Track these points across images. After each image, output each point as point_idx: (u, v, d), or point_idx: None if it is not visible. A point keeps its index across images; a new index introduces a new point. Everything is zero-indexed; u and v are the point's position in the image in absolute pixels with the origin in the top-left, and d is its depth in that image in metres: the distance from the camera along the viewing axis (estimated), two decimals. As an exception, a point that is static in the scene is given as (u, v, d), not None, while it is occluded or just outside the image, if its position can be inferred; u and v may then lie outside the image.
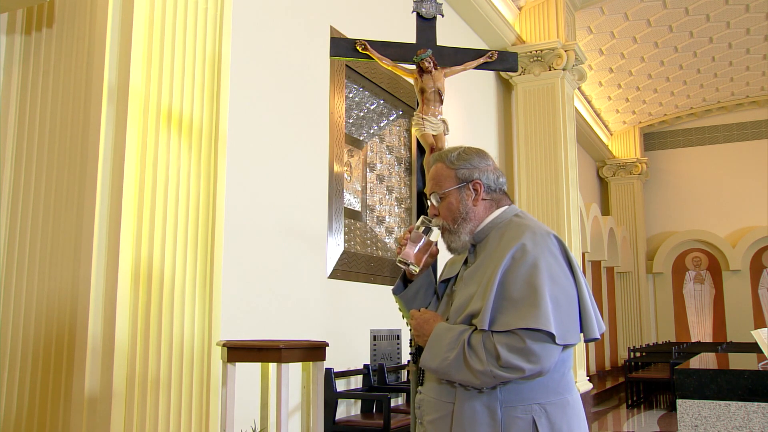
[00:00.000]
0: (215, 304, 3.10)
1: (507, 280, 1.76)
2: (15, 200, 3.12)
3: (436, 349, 1.80)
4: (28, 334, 2.93)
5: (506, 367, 1.69)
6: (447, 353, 1.77)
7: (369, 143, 6.44)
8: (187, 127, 3.09)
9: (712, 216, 15.16)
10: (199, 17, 3.22)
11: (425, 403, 1.90)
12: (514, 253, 1.78)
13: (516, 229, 1.86)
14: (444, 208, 1.95)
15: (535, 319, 1.69)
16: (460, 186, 1.94)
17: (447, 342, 1.79)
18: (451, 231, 1.94)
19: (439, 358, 1.79)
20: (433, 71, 2.87)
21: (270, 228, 4.74)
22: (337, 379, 5.08)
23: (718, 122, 15.33)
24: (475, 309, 1.79)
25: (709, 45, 11.73)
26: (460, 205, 1.93)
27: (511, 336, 1.70)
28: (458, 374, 1.76)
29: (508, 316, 1.72)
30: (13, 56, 3.24)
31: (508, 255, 1.79)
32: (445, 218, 1.94)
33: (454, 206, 1.93)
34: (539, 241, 1.80)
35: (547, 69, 9.23)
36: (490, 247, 1.89)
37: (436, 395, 1.86)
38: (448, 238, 1.95)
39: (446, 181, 1.95)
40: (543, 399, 1.77)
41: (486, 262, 1.86)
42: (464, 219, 1.92)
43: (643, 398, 10.55)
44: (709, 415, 2.98)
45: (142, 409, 2.75)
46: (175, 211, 2.98)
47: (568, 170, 9.05)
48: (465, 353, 1.74)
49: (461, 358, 1.75)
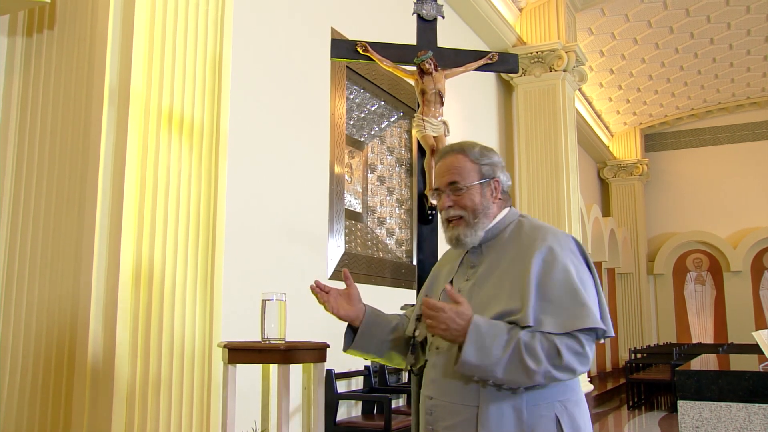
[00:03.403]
0: (216, 305, 3.10)
1: (544, 282, 1.77)
2: (16, 201, 3.12)
3: (484, 346, 1.69)
4: (30, 337, 2.93)
5: (565, 369, 1.71)
6: (499, 351, 1.69)
7: (370, 144, 6.44)
8: (188, 129, 3.10)
9: (713, 217, 15.16)
10: (200, 19, 3.23)
11: (439, 408, 1.83)
12: (545, 256, 1.79)
13: (535, 231, 1.88)
14: (466, 200, 1.91)
15: (589, 318, 1.73)
16: (482, 182, 1.93)
17: (497, 339, 1.70)
18: (470, 225, 1.90)
19: (490, 357, 1.69)
20: (433, 73, 2.87)
21: (271, 229, 4.75)
22: (338, 380, 5.08)
23: (719, 123, 15.32)
24: (510, 309, 1.76)
25: (710, 46, 11.73)
26: (483, 200, 1.92)
27: (571, 338, 1.72)
28: (507, 374, 1.70)
29: (558, 318, 1.73)
30: (14, 58, 3.24)
31: (536, 257, 1.79)
32: (466, 209, 1.90)
33: (477, 200, 1.91)
34: (564, 243, 1.84)
35: (548, 70, 9.23)
36: (504, 248, 1.89)
37: (456, 399, 1.80)
38: (464, 231, 1.90)
39: (469, 174, 1.93)
40: (563, 397, 1.80)
41: (504, 263, 1.85)
42: (484, 215, 1.91)
43: (644, 400, 10.54)
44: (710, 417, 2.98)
45: (143, 411, 2.75)
46: (176, 212, 2.99)
47: (568, 171, 9.05)
48: (522, 352, 1.69)
49: (517, 358, 1.69)
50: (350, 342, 2.00)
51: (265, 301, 2.70)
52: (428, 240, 2.80)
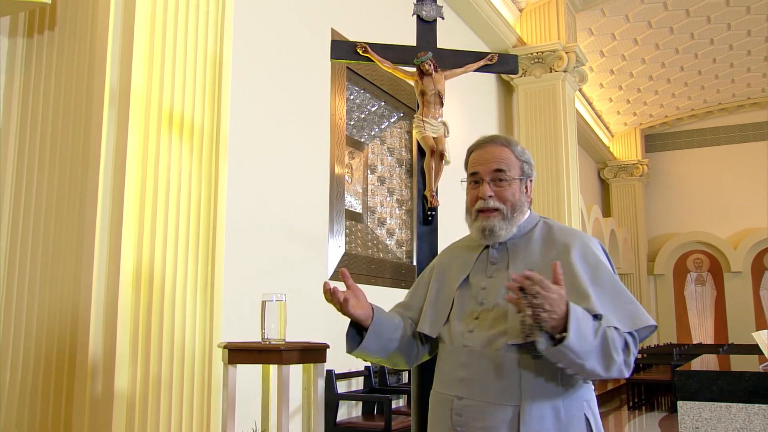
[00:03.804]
0: (216, 306, 3.11)
1: (594, 281, 1.79)
2: (17, 202, 3.12)
3: (583, 333, 1.64)
4: (31, 337, 2.94)
5: (628, 366, 1.72)
6: (591, 338, 1.65)
7: (370, 145, 6.45)
8: (189, 130, 3.10)
9: (713, 217, 15.16)
10: (200, 20, 3.23)
11: (471, 408, 1.77)
12: (587, 257, 1.83)
13: (566, 232, 1.90)
14: (507, 194, 1.88)
15: (646, 317, 1.78)
16: (522, 178, 1.92)
17: (590, 326, 1.67)
18: (506, 218, 1.87)
19: (587, 343, 1.64)
20: (433, 74, 2.87)
21: (271, 230, 4.75)
22: (339, 380, 5.09)
23: (719, 124, 15.33)
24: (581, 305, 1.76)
25: (710, 47, 11.74)
26: (521, 197, 1.91)
27: (631, 336, 1.74)
28: (594, 362, 1.66)
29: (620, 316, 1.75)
30: (15, 59, 3.25)
31: (578, 258, 1.82)
32: (505, 203, 1.87)
33: (516, 195, 1.89)
34: (595, 245, 1.88)
35: (548, 71, 9.24)
36: (536, 247, 1.88)
37: (494, 399, 1.75)
38: (500, 224, 1.86)
39: (513, 168, 1.90)
40: (588, 396, 1.83)
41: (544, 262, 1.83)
42: (520, 211, 1.90)
43: (645, 400, 10.54)
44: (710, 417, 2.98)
45: (144, 412, 2.75)
46: (176, 213, 2.99)
47: (569, 172, 9.05)
48: (608, 342, 1.67)
49: (604, 347, 1.67)
50: (357, 343, 1.91)
51: (265, 302, 2.70)
52: (428, 240, 2.80)
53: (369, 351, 1.92)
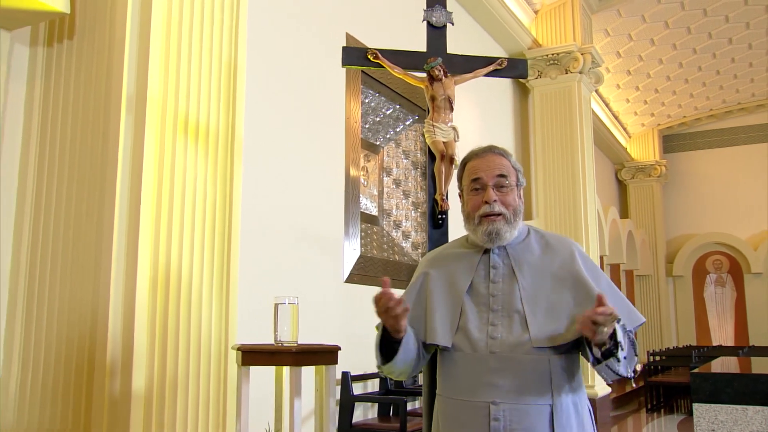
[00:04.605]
0: (231, 308, 3.16)
1: (598, 284, 1.91)
2: (38, 206, 3.20)
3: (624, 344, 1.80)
4: (52, 339, 3.00)
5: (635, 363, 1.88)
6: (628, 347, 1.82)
7: (385, 148, 6.48)
8: (204, 134, 3.16)
9: (732, 218, 15.00)
10: (215, 26, 3.29)
11: (511, 412, 1.81)
12: (585, 262, 1.95)
13: (558, 238, 2.03)
14: (510, 199, 1.96)
15: (638, 314, 1.97)
16: (518, 185, 2.01)
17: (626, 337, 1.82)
18: (509, 222, 1.95)
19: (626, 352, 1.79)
20: (443, 79, 2.91)
21: (287, 233, 4.80)
22: (354, 382, 5.12)
23: (738, 124, 15.17)
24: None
25: (728, 46, 11.64)
26: (520, 203, 1.99)
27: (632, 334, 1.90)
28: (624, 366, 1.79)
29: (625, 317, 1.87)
30: (36, 67, 3.33)
31: (580, 263, 1.94)
32: (508, 207, 1.95)
33: (517, 201, 1.98)
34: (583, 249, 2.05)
35: (564, 72, 9.22)
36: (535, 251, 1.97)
37: (532, 401, 1.82)
38: (504, 227, 1.94)
39: (512, 176, 1.99)
40: (585, 392, 1.98)
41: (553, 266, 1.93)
42: (519, 216, 1.99)
43: (663, 402, 10.46)
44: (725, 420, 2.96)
45: (161, 411, 2.81)
46: (192, 216, 3.05)
47: (585, 173, 9.03)
48: (633, 345, 1.85)
49: (631, 350, 1.84)
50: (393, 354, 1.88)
51: (277, 304, 2.75)
52: (438, 243, 2.82)
53: (399, 364, 1.92)
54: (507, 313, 1.88)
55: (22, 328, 3.10)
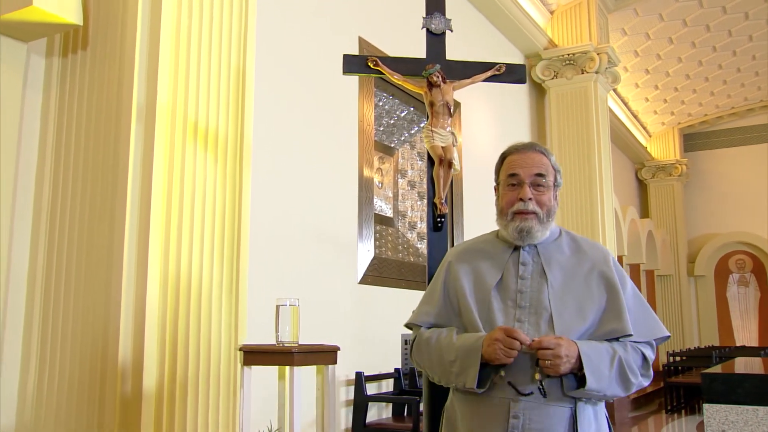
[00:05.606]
0: (241, 310, 3.23)
1: (624, 292, 1.92)
2: (53, 213, 3.30)
3: (599, 370, 1.79)
4: (66, 342, 3.10)
5: (647, 377, 1.89)
6: (607, 371, 1.80)
7: (400, 150, 6.53)
8: (213, 141, 3.24)
9: (755, 217, 14.79)
10: (224, 35, 3.37)
11: (532, 410, 1.80)
12: (618, 270, 1.95)
13: (590, 242, 2.03)
14: (545, 198, 1.96)
15: (662, 327, 1.94)
16: (555, 186, 2.01)
17: (603, 360, 1.80)
18: (542, 221, 1.95)
19: (604, 378, 1.79)
20: (441, 85, 2.95)
21: (300, 235, 4.87)
22: (368, 382, 5.17)
23: (761, 121, 14.97)
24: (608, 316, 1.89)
25: (748, 43, 11.51)
26: (554, 203, 1.99)
27: (648, 345, 1.89)
28: (614, 389, 1.82)
29: (641, 327, 1.89)
30: (51, 77, 3.44)
31: (613, 270, 1.94)
32: (542, 207, 1.95)
33: (552, 201, 1.98)
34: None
35: (580, 72, 9.20)
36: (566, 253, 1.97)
37: (554, 401, 1.81)
38: (536, 226, 1.94)
39: (550, 175, 1.99)
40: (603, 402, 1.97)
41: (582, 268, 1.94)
42: (552, 217, 1.98)
43: (684, 404, 10.38)
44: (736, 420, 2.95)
45: (171, 411, 2.89)
46: (201, 220, 3.13)
47: (602, 173, 9.00)
48: (625, 368, 1.82)
49: (621, 374, 1.82)
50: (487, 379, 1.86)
51: (279, 306, 2.82)
52: (438, 247, 2.87)
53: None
54: (534, 310, 1.88)
55: (38, 331, 3.21)
